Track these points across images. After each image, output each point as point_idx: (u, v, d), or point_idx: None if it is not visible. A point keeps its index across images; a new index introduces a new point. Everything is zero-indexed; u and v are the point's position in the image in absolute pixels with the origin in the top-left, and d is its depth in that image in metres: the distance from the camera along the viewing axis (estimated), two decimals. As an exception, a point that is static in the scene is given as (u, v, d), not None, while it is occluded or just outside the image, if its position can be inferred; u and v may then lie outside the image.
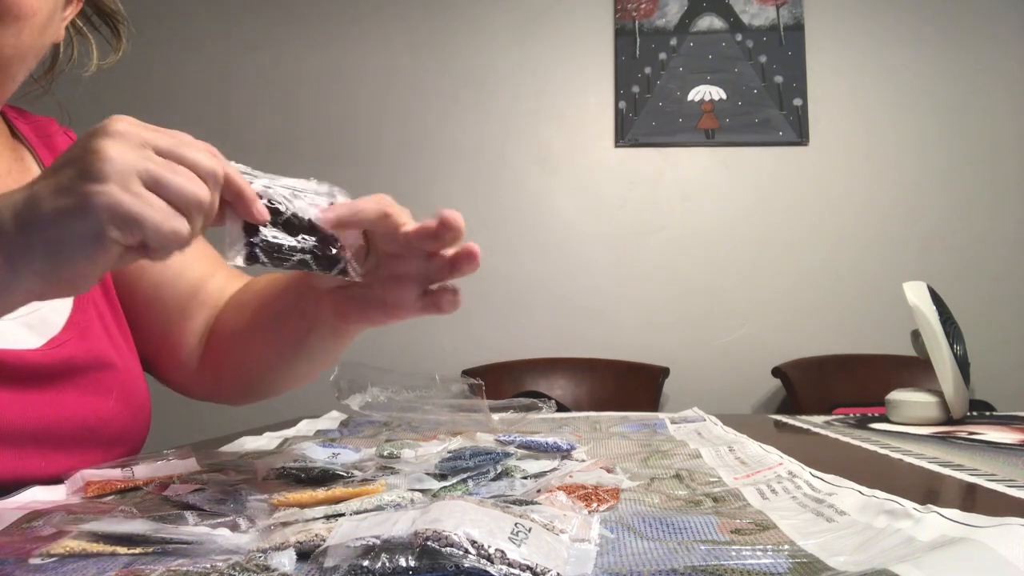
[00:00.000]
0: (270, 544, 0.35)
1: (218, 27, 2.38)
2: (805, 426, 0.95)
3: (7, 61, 0.57)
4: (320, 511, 0.40)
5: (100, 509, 0.44)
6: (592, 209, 2.29)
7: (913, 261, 2.20)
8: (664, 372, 2.13)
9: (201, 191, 0.40)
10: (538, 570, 0.30)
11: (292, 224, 0.48)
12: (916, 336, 0.95)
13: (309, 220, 0.49)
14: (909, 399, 0.93)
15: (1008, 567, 0.27)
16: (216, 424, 1.46)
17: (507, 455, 0.58)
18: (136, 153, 0.38)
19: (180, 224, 0.39)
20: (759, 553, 0.34)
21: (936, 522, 0.33)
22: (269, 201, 0.47)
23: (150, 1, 2.37)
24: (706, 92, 2.28)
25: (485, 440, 0.65)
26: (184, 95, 2.36)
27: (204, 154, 0.42)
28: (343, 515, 0.39)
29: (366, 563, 0.30)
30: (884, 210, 2.24)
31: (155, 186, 0.39)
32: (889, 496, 0.39)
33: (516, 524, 0.33)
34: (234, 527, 0.38)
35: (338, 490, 0.44)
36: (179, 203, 0.40)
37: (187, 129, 0.44)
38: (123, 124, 0.39)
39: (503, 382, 2.11)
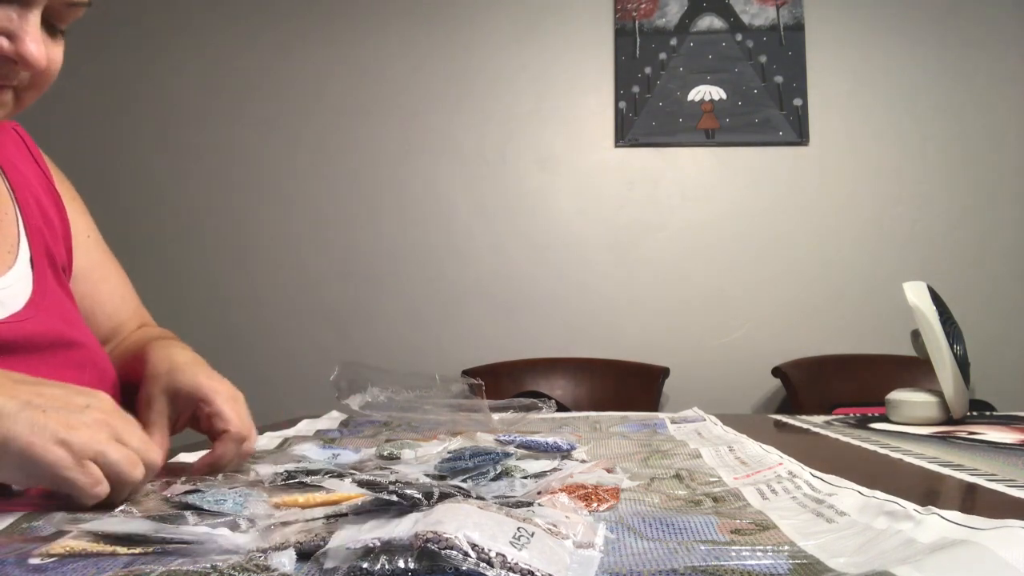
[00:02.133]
0: (270, 544, 0.35)
1: (217, 27, 2.38)
2: (805, 426, 0.95)
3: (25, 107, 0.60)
4: (320, 511, 0.40)
5: (100, 509, 0.44)
6: (592, 209, 2.29)
7: (913, 261, 2.20)
8: (664, 372, 2.13)
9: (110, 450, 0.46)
10: (538, 575, 0.30)
11: None
12: (916, 336, 0.95)
13: None
14: (909, 399, 0.93)
15: (1008, 569, 0.27)
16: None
17: (507, 455, 0.58)
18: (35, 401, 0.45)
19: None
20: (759, 554, 0.34)
21: (937, 524, 0.33)
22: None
23: (150, 2, 2.37)
24: (706, 92, 2.28)
25: (485, 440, 0.65)
26: (184, 95, 2.36)
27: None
28: (344, 515, 0.39)
29: (365, 564, 0.30)
30: (884, 210, 2.24)
31: (64, 431, 0.45)
32: (889, 497, 0.39)
33: (519, 528, 0.33)
34: (234, 527, 0.38)
35: (338, 493, 0.44)
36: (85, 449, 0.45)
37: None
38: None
39: (503, 382, 2.11)
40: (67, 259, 0.72)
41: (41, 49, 0.53)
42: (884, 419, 0.97)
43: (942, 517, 0.34)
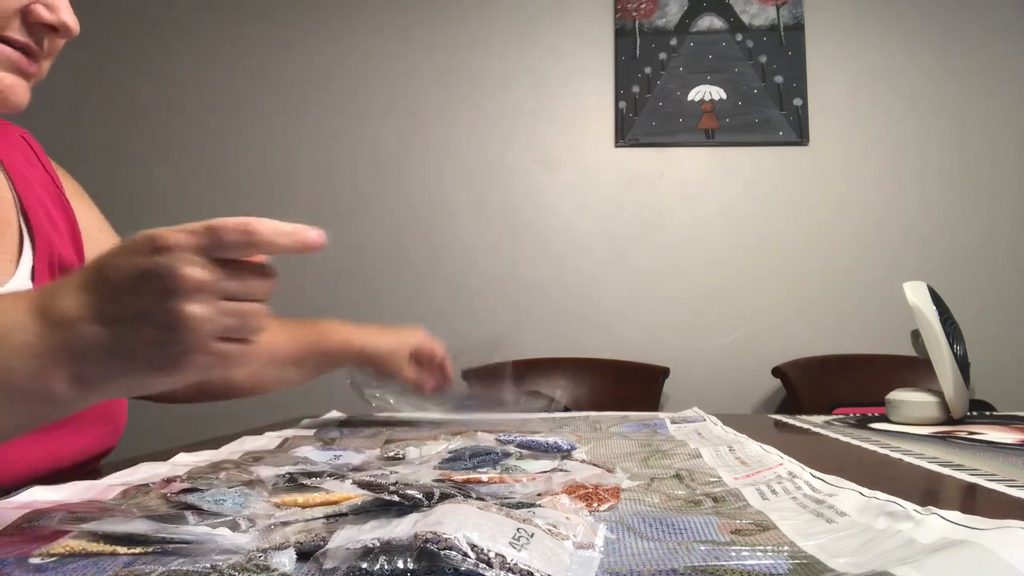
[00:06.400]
0: (270, 544, 0.35)
1: (217, 28, 2.38)
2: (805, 426, 0.95)
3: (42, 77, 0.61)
4: (320, 511, 0.40)
5: (100, 509, 0.44)
6: (592, 209, 2.29)
7: (913, 261, 2.20)
8: (664, 372, 2.13)
9: (261, 322, 0.44)
10: None
11: None
12: (916, 336, 0.95)
13: None
14: (909, 399, 0.93)
15: (1009, 570, 0.27)
16: (216, 424, 1.46)
17: (507, 455, 0.58)
18: (212, 311, 0.41)
19: (248, 352, 0.43)
20: (759, 554, 0.34)
21: (937, 524, 0.33)
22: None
23: (150, 2, 2.37)
24: (706, 92, 2.28)
25: (485, 440, 0.65)
26: (183, 95, 2.36)
27: (258, 278, 0.43)
28: (344, 515, 0.39)
29: (365, 565, 0.30)
30: (884, 210, 2.24)
31: (228, 336, 0.42)
32: (890, 497, 0.39)
33: (518, 529, 0.33)
34: (234, 527, 0.38)
35: (337, 493, 0.44)
36: (248, 338, 0.43)
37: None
38: (196, 273, 0.40)
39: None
40: (78, 263, 0.72)
41: (74, 16, 0.56)
42: (884, 419, 0.97)
43: (942, 517, 0.34)
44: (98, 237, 0.76)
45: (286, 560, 0.33)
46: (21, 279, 0.64)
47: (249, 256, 0.43)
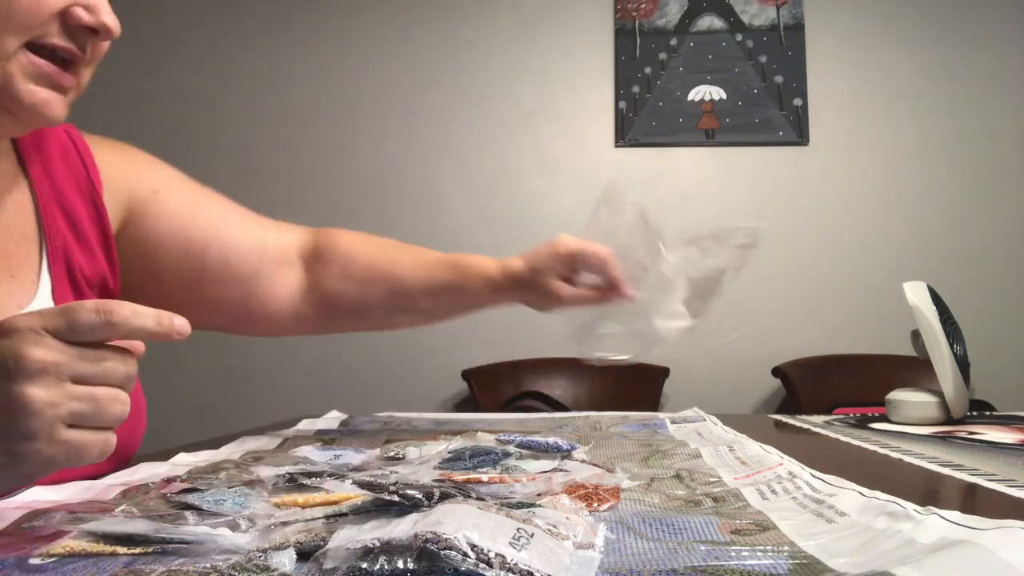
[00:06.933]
0: (270, 544, 0.35)
1: (216, 27, 2.38)
2: (805, 426, 0.95)
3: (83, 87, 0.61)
4: (320, 511, 0.40)
5: (100, 509, 0.44)
6: (592, 209, 2.29)
7: (913, 261, 2.20)
8: (664, 372, 2.13)
9: (120, 409, 0.41)
10: None
11: None
12: (916, 336, 0.95)
13: None
14: (909, 399, 0.93)
15: (1009, 570, 0.27)
16: (216, 424, 1.46)
17: (507, 455, 0.58)
18: (58, 394, 0.38)
19: (103, 445, 0.41)
20: (759, 554, 0.34)
21: (937, 524, 0.33)
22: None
23: (150, 2, 2.37)
24: (706, 92, 2.28)
25: (485, 440, 0.65)
26: (183, 95, 2.36)
27: (117, 361, 0.41)
28: (344, 515, 0.39)
29: (365, 565, 0.30)
30: (884, 210, 2.24)
31: (80, 423, 0.39)
32: (890, 498, 0.39)
33: (518, 529, 0.33)
34: (234, 527, 0.38)
35: (337, 493, 0.44)
36: (103, 426, 0.41)
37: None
38: (40, 354, 0.38)
39: (503, 382, 2.11)
40: (109, 273, 0.70)
41: (115, 17, 0.56)
42: (884, 419, 0.97)
43: (942, 517, 0.34)
44: (154, 198, 0.74)
45: (286, 560, 0.33)
46: (42, 302, 0.62)
47: (108, 339, 0.41)
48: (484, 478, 0.49)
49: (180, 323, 0.42)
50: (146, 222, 0.73)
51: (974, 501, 0.50)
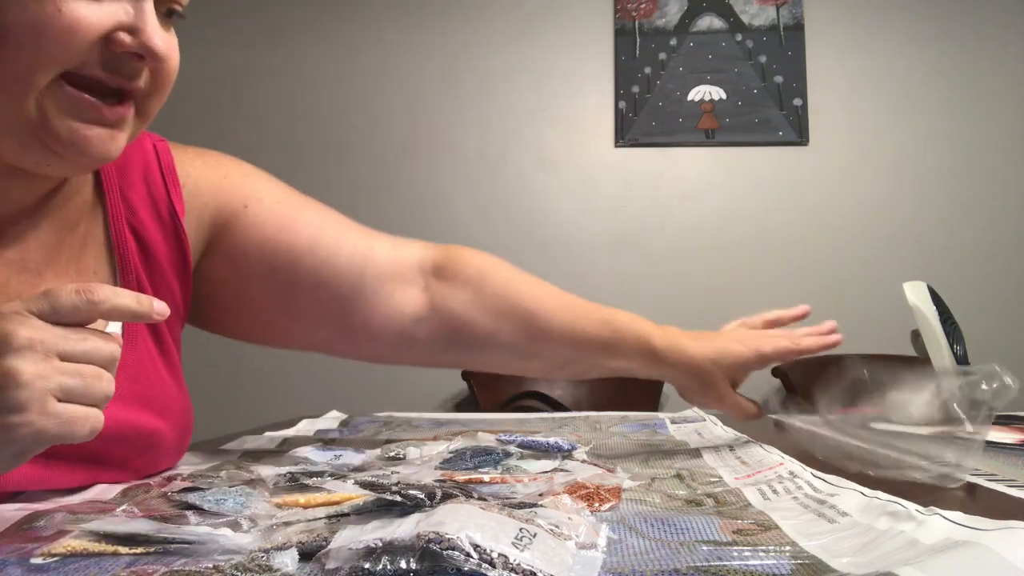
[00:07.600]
0: (272, 544, 0.35)
1: (217, 27, 2.37)
2: (805, 426, 0.95)
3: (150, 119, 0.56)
4: (322, 511, 0.40)
5: (102, 509, 0.44)
6: (592, 209, 2.29)
7: (913, 261, 2.20)
8: (664, 372, 2.13)
9: (106, 386, 0.42)
10: None
11: None
12: (916, 336, 0.95)
13: None
14: (909, 399, 0.93)
15: (1012, 570, 0.27)
16: (216, 424, 1.46)
17: (508, 455, 0.58)
18: (46, 368, 0.39)
19: (94, 421, 0.41)
20: (761, 554, 0.34)
21: (939, 525, 0.33)
22: None
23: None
24: (706, 92, 2.28)
25: (486, 440, 0.65)
26: (182, 95, 2.35)
27: (100, 341, 0.42)
28: (346, 515, 0.39)
29: (367, 565, 0.30)
30: (884, 210, 2.24)
31: (69, 397, 0.40)
32: (891, 498, 0.39)
33: (521, 529, 0.33)
34: (236, 527, 0.38)
35: (339, 493, 0.44)
36: (91, 403, 0.41)
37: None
38: (26, 332, 0.39)
39: (503, 382, 2.11)
40: (182, 301, 0.66)
41: (163, 39, 0.51)
42: (884, 419, 0.97)
43: (945, 518, 0.34)
44: (243, 212, 0.70)
45: (288, 560, 0.33)
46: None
47: (90, 320, 0.41)
48: (486, 478, 0.49)
49: (160, 305, 0.43)
50: (233, 237, 0.69)
51: (974, 501, 0.50)
